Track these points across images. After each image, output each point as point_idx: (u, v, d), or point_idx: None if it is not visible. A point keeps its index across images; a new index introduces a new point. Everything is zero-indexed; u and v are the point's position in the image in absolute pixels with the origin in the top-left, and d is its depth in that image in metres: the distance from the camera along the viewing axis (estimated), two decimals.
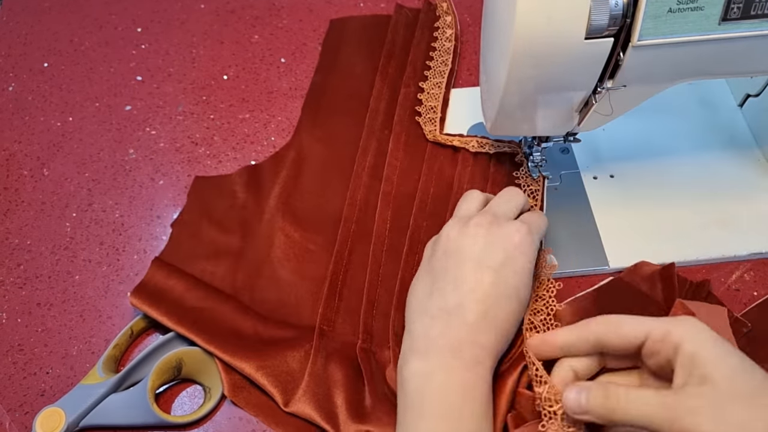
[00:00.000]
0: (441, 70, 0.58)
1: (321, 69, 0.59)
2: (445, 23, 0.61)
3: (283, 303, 0.47)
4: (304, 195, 0.51)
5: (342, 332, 0.45)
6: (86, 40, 0.63)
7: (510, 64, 0.37)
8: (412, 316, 0.40)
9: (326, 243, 0.49)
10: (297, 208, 0.51)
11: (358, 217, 0.50)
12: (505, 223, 0.41)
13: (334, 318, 0.45)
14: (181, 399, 0.44)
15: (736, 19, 0.35)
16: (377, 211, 0.50)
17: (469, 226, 0.40)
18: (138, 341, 0.46)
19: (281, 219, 0.50)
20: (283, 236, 0.49)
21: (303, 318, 0.46)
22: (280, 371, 0.43)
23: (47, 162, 0.55)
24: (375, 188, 0.51)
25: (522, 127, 0.45)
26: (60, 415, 0.41)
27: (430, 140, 0.53)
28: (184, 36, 0.63)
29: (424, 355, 0.37)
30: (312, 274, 0.48)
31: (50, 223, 0.52)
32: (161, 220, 0.52)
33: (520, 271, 0.39)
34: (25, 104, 0.59)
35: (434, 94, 0.56)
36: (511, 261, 0.39)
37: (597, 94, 0.40)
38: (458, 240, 0.40)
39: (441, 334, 0.37)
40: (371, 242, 0.48)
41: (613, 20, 0.35)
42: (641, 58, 0.37)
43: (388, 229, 0.49)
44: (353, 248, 0.48)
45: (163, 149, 0.56)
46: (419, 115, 0.55)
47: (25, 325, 0.47)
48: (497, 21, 0.40)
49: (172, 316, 0.44)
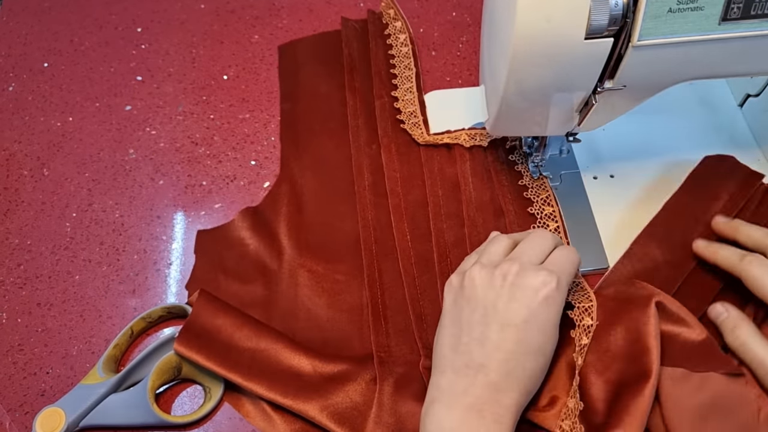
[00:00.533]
0: (407, 75, 0.57)
1: (286, 97, 0.58)
2: (395, 29, 0.60)
3: (327, 341, 0.45)
4: (313, 227, 0.50)
5: (399, 354, 0.44)
6: (86, 40, 0.63)
7: (510, 64, 0.37)
8: (439, 367, 0.39)
9: (352, 269, 0.48)
10: (311, 242, 0.49)
11: (375, 236, 0.49)
12: (532, 274, 0.39)
13: (388, 343, 0.44)
14: (181, 399, 0.44)
15: (736, 19, 0.35)
16: (393, 226, 0.49)
17: (495, 276, 0.39)
18: (138, 341, 0.46)
19: (299, 256, 0.49)
20: (307, 273, 0.48)
21: (355, 351, 0.45)
22: (344, 408, 0.42)
23: (47, 162, 0.55)
24: (383, 204, 0.50)
25: (522, 127, 0.45)
26: (60, 415, 0.41)
27: (421, 143, 0.53)
28: (184, 36, 0.63)
29: (447, 409, 0.37)
30: (349, 304, 0.47)
31: (50, 223, 0.52)
32: (161, 220, 0.52)
33: (544, 327, 0.38)
34: (25, 104, 0.59)
35: (409, 100, 0.55)
36: (535, 318, 0.38)
37: (597, 94, 0.40)
38: (483, 290, 0.39)
39: (465, 391, 0.37)
40: (397, 258, 0.48)
41: (613, 20, 0.35)
42: (641, 58, 0.37)
43: (410, 240, 0.49)
44: (381, 268, 0.48)
45: (163, 149, 0.56)
46: (402, 123, 0.54)
47: (25, 325, 0.47)
48: (497, 21, 0.40)
49: (225, 362, 0.42)
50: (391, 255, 0.48)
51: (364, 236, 0.49)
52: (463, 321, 0.39)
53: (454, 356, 0.39)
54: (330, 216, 0.51)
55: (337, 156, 0.53)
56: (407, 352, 0.44)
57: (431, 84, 0.59)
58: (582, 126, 0.44)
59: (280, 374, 0.43)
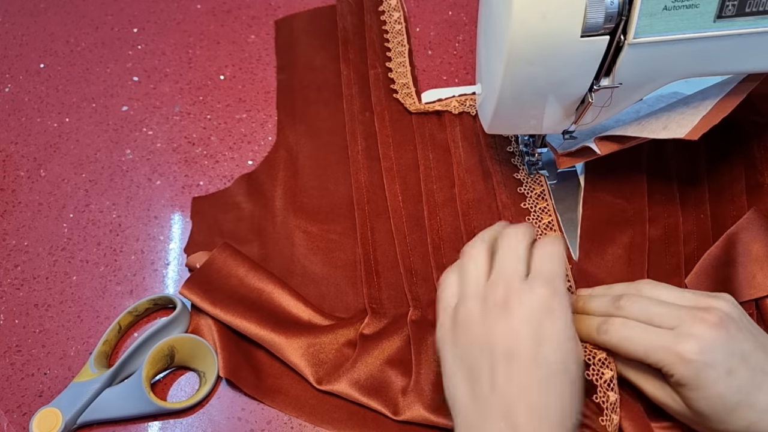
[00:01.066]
0: (400, 51, 0.59)
1: (282, 68, 0.59)
2: (390, 6, 0.61)
3: (323, 296, 0.47)
4: (308, 190, 0.52)
5: (390, 307, 0.46)
6: (82, 40, 0.63)
7: (506, 62, 0.38)
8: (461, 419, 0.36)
9: (346, 229, 0.50)
10: (306, 204, 0.51)
11: (368, 197, 0.51)
12: (524, 294, 0.36)
13: (380, 296, 0.47)
14: (176, 388, 0.44)
15: (731, 17, 0.35)
16: (385, 187, 0.51)
17: (488, 307, 0.36)
18: (127, 335, 0.47)
19: (294, 218, 0.50)
20: (302, 233, 0.50)
21: (349, 304, 0.47)
22: (329, 349, 0.44)
23: (44, 163, 0.55)
24: (375, 168, 0.52)
25: (519, 125, 0.45)
26: (56, 415, 0.41)
27: (413, 112, 0.55)
28: (180, 36, 0.63)
29: None
30: (342, 261, 0.49)
31: (47, 224, 0.52)
32: (159, 220, 0.52)
33: (558, 342, 0.35)
34: (22, 105, 0.59)
35: (402, 73, 0.57)
36: (543, 336, 0.35)
37: (593, 92, 0.40)
38: (482, 327, 0.36)
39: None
40: (389, 218, 0.50)
41: (609, 18, 0.35)
42: (637, 55, 0.37)
43: (402, 201, 0.50)
44: (374, 227, 0.49)
45: (160, 149, 0.56)
46: (396, 93, 0.56)
47: (23, 326, 0.47)
48: (493, 20, 0.40)
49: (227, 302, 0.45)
50: (383, 215, 0.50)
51: (357, 197, 0.51)
52: (471, 363, 0.36)
53: (474, 406, 0.35)
54: (324, 179, 0.52)
55: (331, 123, 0.55)
56: (397, 304, 0.46)
57: (427, 83, 0.59)
58: (578, 124, 0.44)
59: (279, 314, 0.45)
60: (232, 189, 0.52)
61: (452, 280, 0.40)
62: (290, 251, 0.49)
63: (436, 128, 0.54)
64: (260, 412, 0.43)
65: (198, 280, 0.46)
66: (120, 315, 0.46)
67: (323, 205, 0.51)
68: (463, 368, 0.36)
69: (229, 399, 0.44)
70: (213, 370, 0.44)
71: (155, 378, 0.44)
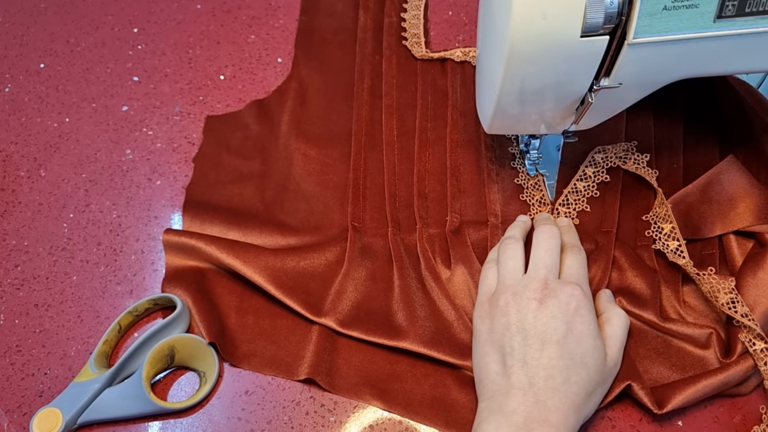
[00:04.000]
0: (416, 4, 0.63)
1: (305, 11, 0.63)
2: None
3: (312, 211, 0.51)
4: (312, 119, 0.56)
5: (371, 226, 0.50)
6: (82, 40, 0.63)
7: (506, 62, 0.38)
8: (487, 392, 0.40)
9: (341, 156, 0.54)
10: (308, 131, 0.55)
11: (366, 130, 0.55)
12: (559, 290, 0.41)
13: (363, 216, 0.51)
14: (176, 388, 0.44)
15: (731, 17, 0.35)
16: (383, 122, 0.55)
17: (523, 299, 0.41)
18: (127, 335, 0.47)
19: (295, 140, 0.55)
20: (301, 155, 0.54)
21: (334, 220, 0.51)
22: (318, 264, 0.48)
23: (44, 163, 0.55)
24: (377, 104, 0.56)
25: (519, 125, 0.45)
26: (57, 415, 0.41)
27: (419, 58, 0.59)
28: (180, 36, 0.63)
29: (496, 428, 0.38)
30: (334, 183, 0.53)
31: (47, 224, 0.52)
32: (159, 220, 0.52)
33: (582, 338, 0.40)
34: (22, 105, 0.59)
35: (414, 24, 0.61)
36: (572, 331, 0.40)
37: (593, 92, 0.40)
38: (517, 316, 0.41)
39: (514, 411, 0.38)
40: (383, 150, 0.54)
41: (609, 18, 0.35)
42: (637, 55, 0.37)
43: (396, 136, 0.54)
44: (367, 156, 0.54)
45: (160, 149, 0.56)
46: (406, 40, 0.60)
47: (23, 326, 0.47)
48: (493, 20, 0.40)
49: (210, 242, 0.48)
50: (377, 147, 0.54)
51: (356, 129, 0.55)
52: (505, 346, 0.40)
53: (502, 380, 0.39)
54: (329, 111, 0.57)
55: (342, 62, 0.60)
56: (377, 224, 0.50)
57: None
58: (578, 124, 0.44)
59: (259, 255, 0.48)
60: (243, 111, 0.57)
61: (491, 272, 0.45)
62: (288, 170, 0.53)
63: (438, 74, 0.58)
64: (260, 412, 0.43)
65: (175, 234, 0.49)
66: (120, 315, 0.46)
67: (324, 132, 0.55)
68: (496, 346, 0.41)
69: (229, 399, 0.44)
70: (213, 370, 0.44)
71: (155, 378, 0.44)
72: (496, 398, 0.39)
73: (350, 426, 0.43)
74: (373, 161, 0.53)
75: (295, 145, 0.54)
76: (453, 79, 0.57)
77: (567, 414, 0.38)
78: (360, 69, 0.58)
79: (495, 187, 0.51)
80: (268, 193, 0.52)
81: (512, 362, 0.39)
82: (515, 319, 0.40)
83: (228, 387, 0.44)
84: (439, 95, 0.56)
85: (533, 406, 0.37)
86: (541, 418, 0.37)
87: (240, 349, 0.45)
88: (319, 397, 0.44)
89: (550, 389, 0.38)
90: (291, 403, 0.44)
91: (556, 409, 0.37)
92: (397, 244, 0.49)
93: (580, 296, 0.41)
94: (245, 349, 0.45)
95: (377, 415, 0.43)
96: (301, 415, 0.43)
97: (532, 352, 0.39)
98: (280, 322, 0.46)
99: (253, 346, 0.45)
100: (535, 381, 0.38)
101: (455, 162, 0.52)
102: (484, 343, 0.42)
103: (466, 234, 0.49)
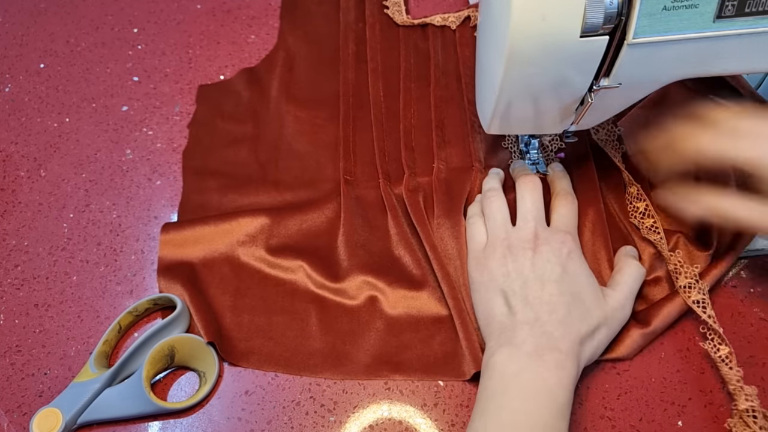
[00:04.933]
0: None
1: None
2: None
3: (305, 168, 0.54)
4: (301, 83, 0.59)
5: (363, 179, 0.53)
6: (82, 40, 0.63)
7: (506, 62, 0.38)
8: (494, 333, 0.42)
9: (330, 116, 0.57)
10: (297, 95, 0.58)
11: (353, 91, 0.58)
12: (551, 238, 0.44)
13: (354, 170, 0.53)
14: (176, 388, 0.44)
15: (730, 17, 0.35)
16: (369, 84, 0.58)
17: (519, 250, 0.44)
18: (127, 335, 0.47)
19: (286, 104, 0.57)
20: (291, 117, 0.57)
21: (327, 175, 0.53)
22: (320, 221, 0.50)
23: (44, 163, 0.55)
24: (362, 68, 0.59)
25: (518, 125, 0.45)
26: (57, 415, 0.41)
27: (400, 24, 0.61)
28: (180, 36, 0.63)
29: (508, 357, 0.40)
30: (325, 141, 0.55)
31: (47, 224, 0.52)
32: (158, 220, 0.52)
33: (576, 277, 0.43)
34: (22, 105, 0.59)
35: None
36: (566, 271, 0.42)
37: (593, 92, 0.40)
38: (516, 265, 0.43)
39: (523, 341, 0.40)
40: (370, 109, 0.56)
41: (608, 18, 0.35)
42: (636, 56, 0.37)
43: (383, 96, 0.57)
44: (356, 115, 0.56)
45: (160, 149, 0.56)
46: (387, 9, 0.63)
47: (23, 326, 0.47)
48: (493, 20, 0.40)
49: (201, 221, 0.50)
50: (365, 107, 0.57)
51: (344, 90, 0.57)
52: (507, 290, 0.43)
53: (508, 319, 0.42)
54: (316, 75, 0.59)
55: (327, 31, 0.62)
56: (368, 177, 0.53)
57: None
58: (578, 124, 0.44)
59: None
60: (234, 80, 0.59)
61: (478, 227, 0.47)
62: (280, 131, 0.56)
63: (420, 38, 0.61)
64: (260, 412, 0.43)
65: None
66: (120, 315, 0.46)
67: (313, 96, 0.58)
68: (498, 291, 0.43)
69: (229, 399, 0.44)
70: (213, 370, 0.44)
71: (155, 378, 0.44)
72: (505, 333, 0.41)
73: (350, 426, 0.43)
74: (362, 120, 0.56)
75: (286, 108, 0.57)
76: (434, 42, 0.60)
77: (574, 344, 0.40)
78: (344, 36, 0.61)
79: (478, 137, 0.54)
80: (262, 153, 0.55)
81: (516, 302, 0.42)
82: (513, 268, 0.43)
83: (228, 387, 0.44)
84: (421, 57, 0.59)
85: (541, 337, 0.40)
86: (550, 345, 0.39)
87: (238, 347, 0.46)
88: (319, 397, 0.44)
89: (555, 321, 0.40)
90: (291, 403, 0.44)
91: (563, 337, 0.40)
92: (389, 194, 0.51)
93: (571, 243, 0.44)
94: (243, 348, 0.46)
95: (377, 415, 0.43)
96: (301, 415, 0.43)
97: (533, 292, 0.42)
98: (276, 318, 0.47)
99: (251, 344, 0.46)
100: (540, 315, 0.41)
101: (439, 116, 0.55)
102: (486, 290, 0.44)
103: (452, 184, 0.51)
